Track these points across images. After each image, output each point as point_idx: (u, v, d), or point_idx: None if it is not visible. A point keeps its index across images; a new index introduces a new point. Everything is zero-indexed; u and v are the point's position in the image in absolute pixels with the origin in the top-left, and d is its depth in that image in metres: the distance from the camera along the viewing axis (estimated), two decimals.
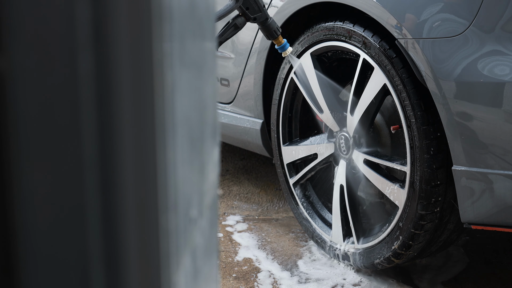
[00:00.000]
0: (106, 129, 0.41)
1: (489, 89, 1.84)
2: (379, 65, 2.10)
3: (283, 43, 2.18)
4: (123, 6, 0.41)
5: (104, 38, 0.41)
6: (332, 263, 2.44)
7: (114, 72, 0.41)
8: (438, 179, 2.02)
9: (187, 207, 0.54)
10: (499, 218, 1.92)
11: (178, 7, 0.49)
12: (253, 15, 2.07)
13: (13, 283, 0.41)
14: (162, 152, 0.46)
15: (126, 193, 0.42)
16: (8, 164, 0.40)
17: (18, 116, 0.40)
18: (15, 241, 0.41)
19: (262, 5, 2.07)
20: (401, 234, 2.13)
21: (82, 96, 0.40)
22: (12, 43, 0.39)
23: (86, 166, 0.41)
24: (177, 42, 0.49)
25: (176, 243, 0.50)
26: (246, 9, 2.05)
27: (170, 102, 0.47)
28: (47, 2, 0.39)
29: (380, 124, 2.27)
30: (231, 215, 2.87)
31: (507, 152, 1.84)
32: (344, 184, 2.34)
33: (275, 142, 2.62)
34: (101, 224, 0.42)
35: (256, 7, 2.06)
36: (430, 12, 1.95)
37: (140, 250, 0.44)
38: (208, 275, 0.63)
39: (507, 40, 1.84)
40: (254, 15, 2.07)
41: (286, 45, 2.20)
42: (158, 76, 0.45)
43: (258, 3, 2.06)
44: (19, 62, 0.40)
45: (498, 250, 2.53)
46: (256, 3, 2.05)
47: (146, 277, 0.45)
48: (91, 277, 0.42)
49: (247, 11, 2.05)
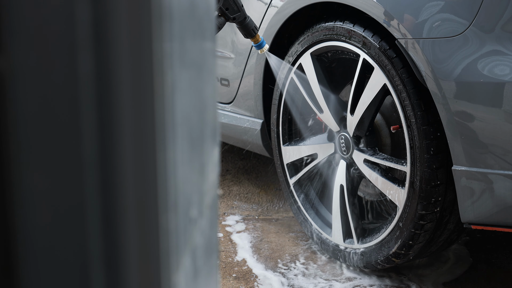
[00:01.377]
0: (106, 129, 0.41)
1: (489, 89, 1.84)
2: (379, 65, 2.10)
3: (260, 41, 2.20)
4: (123, 6, 0.41)
5: (104, 38, 0.41)
6: (332, 263, 2.44)
7: (114, 72, 0.41)
8: (438, 179, 2.02)
9: (187, 207, 0.54)
10: (499, 218, 1.92)
11: (178, 7, 0.49)
12: (233, 15, 2.08)
13: (13, 283, 0.41)
14: (162, 152, 0.46)
15: (126, 193, 0.42)
16: (8, 164, 0.40)
17: (18, 116, 0.40)
18: (15, 241, 0.41)
19: (240, 4, 2.08)
20: (401, 234, 2.13)
21: (82, 96, 0.40)
22: (12, 43, 0.39)
23: (86, 166, 0.41)
24: (177, 42, 0.49)
25: (176, 243, 0.50)
26: (226, 9, 2.06)
27: (170, 102, 0.47)
28: (47, 2, 0.39)
29: (380, 124, 2.27)
30: (231, 215, 2.87)
31: (507, 152, 1.84)
32: (344, 184, 2.34)
33: (275, 142, 2.62)
34: (101, 224, 0.42)
35: (235, 7, 2.07)
36: (430, 12, 1.95)
37: (140, 250, 0.44)
38: (208, 275, 0.63)
39: (507, 40, 1.84)
40: (234, 15, 2.08)
41: (263, 43, 2.22)
42: (158, 76, 0.45)
43: (237, 3, 2.07)
44: (19, 62, 0.40)
45: (498, 250, 2.53)
46: (235, 3, 2.06)
47: (146, 277, 0.45)
48: (91, 277, 0.42)
49: (227, 11, 2.06)
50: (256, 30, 2.17)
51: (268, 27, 2.50)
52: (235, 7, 2.06)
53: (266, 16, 2.51)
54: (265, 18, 2.52)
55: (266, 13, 2.51)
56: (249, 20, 2.13)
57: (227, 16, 2.07)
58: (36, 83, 0.40)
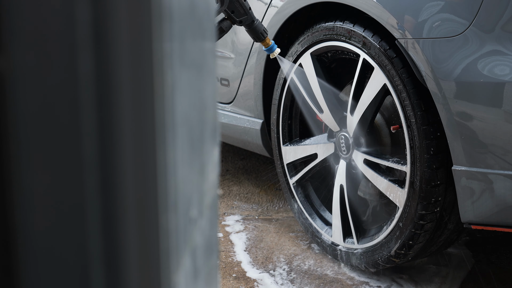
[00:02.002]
0: (106, 129, 0.41)
1: (489, 89, 1.84)
2: (379, 65, 2.10)
3: (271, 44, 2.16)
4: (123, 6, 0.41)
5: (104, 38, 0.41)
6: (332, 263, 2.44)
7: (114, 72, 0.41)
8: (438, 179, 2.02)
9: (187, 207, 0.54)
10: (499, 218, 1.92)
11: (178, 7, 0.49)
12: (239, 18, 2.05)
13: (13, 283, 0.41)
14: (162, 152, 0.46)
15: (126, 193, 0.42)
16: (8, 164, 0.40)
17: (18, 116, 0.40)
18: (15, 241, 0.41)
19: (247, 7, 2.05)
20: (401, 234, 2.13)
21: (82, 96, 0.40)
22: (12, 43, 0.39)
23: (86, 166, 0.41)
24: (177, 42, 0.49)
25: (176, 243, 0.50)
26: (232, 12, 2.03)
27: (170, 102, 0.47)
28: (47, 2, 0.39)
29: (380, 124, 2.27)
30: (231, 215, 2.87)
31: (507, 152, 1.84)
32: (344, 184, 2.34)
33: (275, 142, 2.62)
34: (101, 224, 0.42)
35: (242, 10, 2.04)
36: (430, 12, 1.95)
37: (140, 250, 0.44)
38: (208, 275, 0.63)
39: (507, 40, 1.84)
40: (240, 18, 2.06)
41: (274, 47, 2.17)
42: (158, 76, 0.45)
43: (244, 6, 2.04)
44: (19, 62, 0.40)
45: (498, 250, 2.53)
46: (241, 6, 2.03)
47: (146, 277, 0.45)
48: (91, 277, 0.42)
49: (233, 14, 2.04)
50: (265, 34, 2.12)
51: (268, 27, 2.50)
52: (241, 9, 2.04)
53: (266, 16, 2.51)
54: (265, 18, 2.52)
55: (266, 13, 2.51)
56: (258, 23, 2.09)
57: (233, 19, 2.05)
58: (36, 83, 0.40)
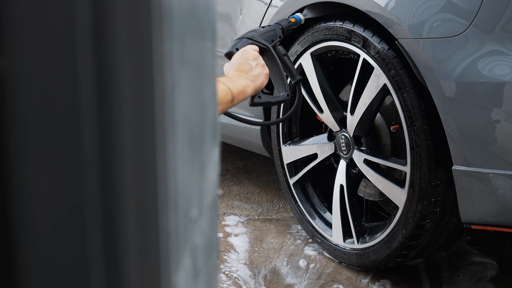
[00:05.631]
0: (106, 129, 0.41)
1: (489, 89, 1.84)
2: (379, 65, 2.10)
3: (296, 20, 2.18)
4: (123, 6, 0.41)
5: (104, 38, 0.41)
6: (332, 263, 2.44)
7: (114, 72, 0.41)
8: (438, 179, 2.02)
9: (187, 207, 0.54)
10: (499, 218, 1.92)
11: (178, 7, 0.49)
12: None
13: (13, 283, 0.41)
14: (162, 152, 0.46)
15: (126, 193, 0.42)
16: (8, 164, 0.40)
17: (18, 116, 0.40)
18: (15, 242, 0.41)
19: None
20: (401, 234, 2.13)
21: (82, 96, 0.40)
22: (12, 43, 0.39)
23: (86, 166, 0.41)
24: (177, 42, 0.49)
25: (176, 243, 0.50)
26: None
27: (170, 102, 0.47)
28: (47, 2, 0.39)
29: (380, 124, 2.27)
30: (231, 215, 2.87)
31: (507, 152, 1.84)
32: (344, 184, 2.35)
33: (275, 142, 2.62)
34: (101, 224, 0.42)
35: None
36: (430, 12, 1.95)
37: (140, 250, 0.44)
38: (208, 275, 0.63)
39: (507, 40, 1.84)
40: None
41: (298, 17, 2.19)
42: (158, 76, 0.45)
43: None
44: (19, 62, 0.40)
45: (498, 250, 2.53)
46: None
47: (146, 277, 0.45)
48: (91, 277, 0.42)
49: None
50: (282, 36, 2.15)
51: None
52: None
53: (266, 16, 2.51)
54: (265, 18, 2.52)
55: (266, 13, 2.51)
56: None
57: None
58: (36, 83, 0.40)
